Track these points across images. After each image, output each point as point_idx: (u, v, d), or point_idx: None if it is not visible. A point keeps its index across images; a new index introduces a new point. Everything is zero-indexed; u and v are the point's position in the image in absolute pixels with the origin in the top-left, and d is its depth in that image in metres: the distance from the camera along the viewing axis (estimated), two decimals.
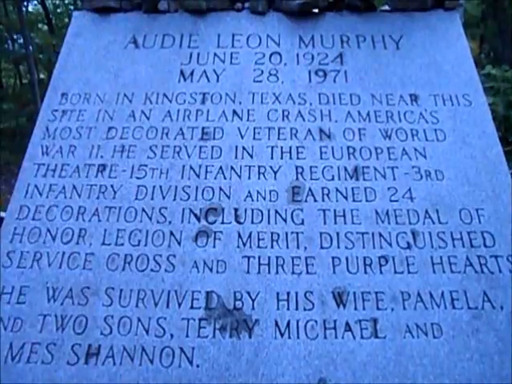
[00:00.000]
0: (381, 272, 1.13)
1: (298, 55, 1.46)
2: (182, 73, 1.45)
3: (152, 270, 1.14)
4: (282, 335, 1.07)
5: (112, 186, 1.27)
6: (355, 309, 1.09)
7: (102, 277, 1.14)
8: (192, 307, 1.10)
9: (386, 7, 1.57)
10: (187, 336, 1.07)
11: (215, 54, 1.47)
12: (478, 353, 1.05)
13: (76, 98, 1.43)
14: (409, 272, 1.13)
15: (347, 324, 1.08)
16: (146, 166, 1.29)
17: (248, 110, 1.37)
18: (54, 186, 1.28)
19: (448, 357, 1.04)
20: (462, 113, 1.37)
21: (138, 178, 1.27)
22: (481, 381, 1.02)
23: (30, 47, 8.23)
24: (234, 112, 1.37)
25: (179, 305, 1.10)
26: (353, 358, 1.04)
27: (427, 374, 1.03)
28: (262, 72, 1.44)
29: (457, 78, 1.42)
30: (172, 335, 1.07)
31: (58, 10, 12.15)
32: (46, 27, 11.52)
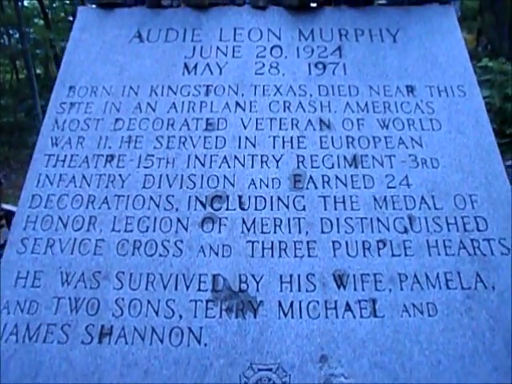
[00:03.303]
0: (379, 255, 1.19)
1: (298, 48, 1.51)
2: (185, 66, 1.50)
3: (160, 255, 1.20)
4: (285, 315, 1.12)
5: (120, 175, 1.31)
6: (355, 290, 1.15)
7: (113, 262, 1.19)
8: (199, 289, 1.15)
9: (383, 1, 1.62)
10: (195, 317, 1.12)
11: (218, 48, 1.52)
12: (470, 330, 1.10)
13: (83, 90, 1.47)
14: (406, 255, 1.19)
15: (347, 304, 1.13)
16: (152, 155, 1.34)
17: (250, 102, 1.42)
18: (64, 175, 1.33)
19: (442, 334, 1.10)
20: (456, 103, 1.42)
21: (145, 167, 1.32)
22: (473, 356, 1.08)
23: (27, 42, 8.22)
24: (237, 103, 1.42)
25: (187, 287, 1.16)
26: (353, 335, 1.10)
27: (423, 350, 1.08)
28: (264, 65, 1.49)
29: (452, 70, 1.47)
30: (181, 316, 1.12)
31: (54, 5, 12.11)
32: (42, 22, 11.49)
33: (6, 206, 2.49)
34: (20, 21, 7.66)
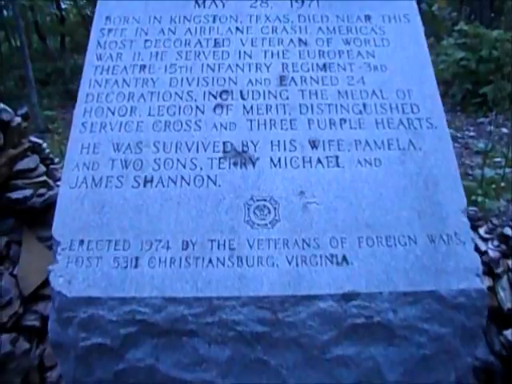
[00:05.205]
0: (342, 128, 1.67)
1: None
2: (196, 2, 1.95)
3: (185, 130, 1.66)
4: (275, 166, 1.60)
5: (152, 78, 1.77)
6: (323, 150, 1.63)
7: (150, 135, 1.66)
8: (214, 151, 1.62)
9: None
10: (211, 168, 1.60)
11: None
12: (403, 174, 1.59)
13: (117, 20, 1.91)
14: (360, 128, 1.67)
15: (318, 159, 1.61)
16: (175, 65, 1.80)
17: (247, 27, 1.88)
18: (109, 80, 1.78)
19: (384, 177, 1.59)
20: (402, 27, 1.90)
21: (170, 73, 1.78)
22: (404, 189, 1.57)
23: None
24: (237, 28, 1.88)
25: (205, 150, 1.63)
26: (322, 178, 1.58)
27: (370, 187, 1.57)
28: (256, 1, 1.95)
29: (400, 3, 1.95)
30: (201, 168, 1.60)
31: None
32: None
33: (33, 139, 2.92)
34: None
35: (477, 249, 3.08)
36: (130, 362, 1.47)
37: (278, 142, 1.64)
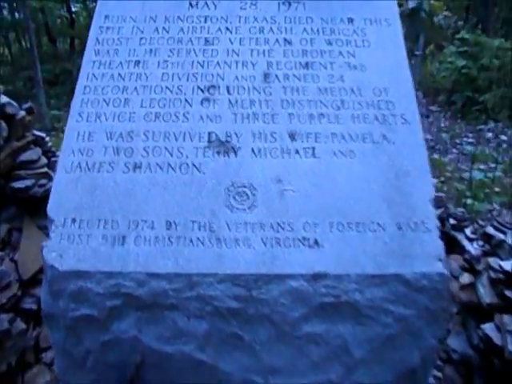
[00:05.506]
0: (320, 123, 1.78)
1: None
2: (190, 3, 2.08)
3: (173, 121, 1.79)
4: (256, 156, 1.71)
5: (145, 73, 1.90)
6: (302, 142, 1.74)
7: (141, 125, 1.78)
8: (200, 141, 1.74)
9: None
10: (196, 156, 1.71)
11: None
12: (376, 166, 1.70)
13: (115, 19, 2.05)
14: (338, 123, 1.78)
15: (296, 150, 1.73)
16: (167, 61, 1.92)
17: (236, 27, 2.01)
18: (106, 74, 1.91)
19: (358, 168, 1.70)
20: (383, 30, 2.01)
21: (162, 68, 1.90)
22: (377, 180, 1.67)
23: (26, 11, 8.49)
24: (227, 28, 2.00)
25: (191, 140, 1.75)
26: (299, 168, 1.70)
27: (343, 176, 1.68)
28: (246, 3, 2.07)
29: (382, 7, 2.06)
30: (187, 156, 1.72)
31: None
32: None
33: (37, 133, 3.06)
34: None
35: (462, 248, 3.18)
36: (115, 333, 1.58)
37: (260, 133, 1.75)
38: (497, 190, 4.63)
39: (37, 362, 2.50)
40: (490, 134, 6.78)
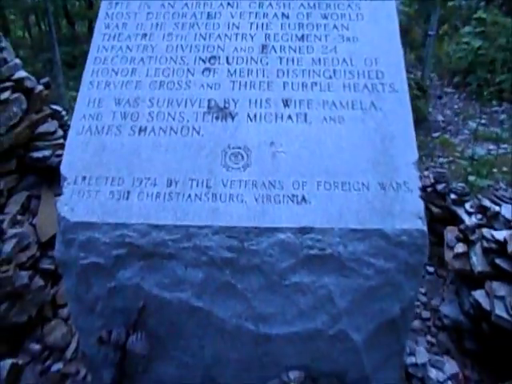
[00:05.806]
0: (312, 90, 1.90)
1: None
2: None
3: (176, 89, 1.92)
4: (251, 120, 1.85)
5: (151, 45, 2.04)
6: (294, 108, 1.86)
7: (147, 92, 1.93)
8: (200, 107, 1.88)
9: None
10: (196, 121, 1.85)
11: None
12: (363, 130, 1.81)
13: None
14: (329, 90, 1.90)
15: (289, 115, 1.85)
16: (172, 33, 2.06)
17: (237, 3, 2.12)
18: (115, 46, 2.05)
19: (346, 132, 1.81)
20: (376, 5, 2.10)
21: (167, 40, 2.04)
22: (364, 144, 1.79)
23: None
24: (228, 3, 2.12)
25: (192, 105, 1.89)
26: (291, 132, 1.82)
27: (333, 139, 1.80)
28: None
29: None
30: (188, 120, 1.86)
31: None
32: None
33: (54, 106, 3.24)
34: None
35: (461, 221, 3.27)
36: (121, 280, 1.75)
37: (256, 100, 1.88)
38: (505, 169, 4.67)
39: (54, 316, 2.70)
40: (503, 116, 6.75)
